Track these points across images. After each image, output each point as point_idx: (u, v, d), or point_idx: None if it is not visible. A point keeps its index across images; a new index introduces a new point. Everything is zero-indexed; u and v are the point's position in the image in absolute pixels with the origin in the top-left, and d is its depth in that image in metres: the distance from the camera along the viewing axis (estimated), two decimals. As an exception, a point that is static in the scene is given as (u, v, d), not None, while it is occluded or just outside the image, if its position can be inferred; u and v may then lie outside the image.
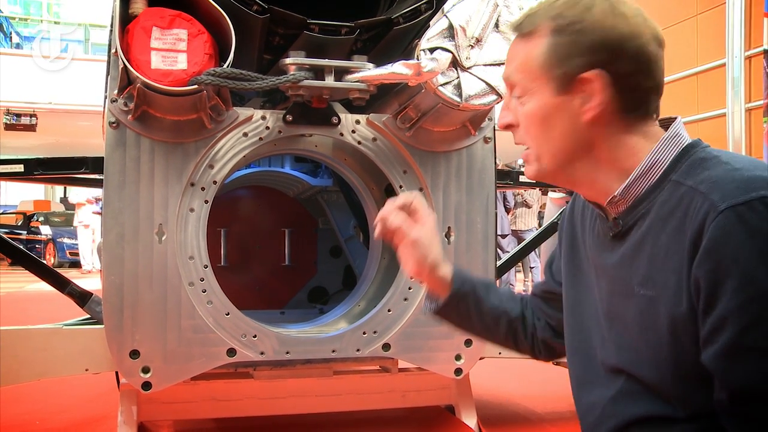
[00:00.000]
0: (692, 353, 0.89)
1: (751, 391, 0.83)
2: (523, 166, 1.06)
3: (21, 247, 2.74)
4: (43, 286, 2.63)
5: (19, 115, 11.04)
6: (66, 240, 14.96)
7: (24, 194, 20.61)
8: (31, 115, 11.11)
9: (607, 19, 0.94)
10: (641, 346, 0.96)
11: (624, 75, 0.94)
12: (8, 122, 10.97)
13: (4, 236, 2.62)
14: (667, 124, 1.00)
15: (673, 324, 0.90)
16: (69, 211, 18.98)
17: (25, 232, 15.63)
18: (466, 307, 1.26)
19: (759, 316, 0.82)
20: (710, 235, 0.84)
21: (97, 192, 10.79)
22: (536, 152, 1.01)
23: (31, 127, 11.14)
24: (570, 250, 1.16)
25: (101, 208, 2.17)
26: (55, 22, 17.21)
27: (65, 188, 23.26)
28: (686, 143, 0.97)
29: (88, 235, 12.75)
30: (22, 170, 2.32)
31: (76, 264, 14.51)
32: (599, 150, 0.98)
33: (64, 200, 22.92)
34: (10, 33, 15.38)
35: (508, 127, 1.04)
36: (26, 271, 2.51)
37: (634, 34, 0.94)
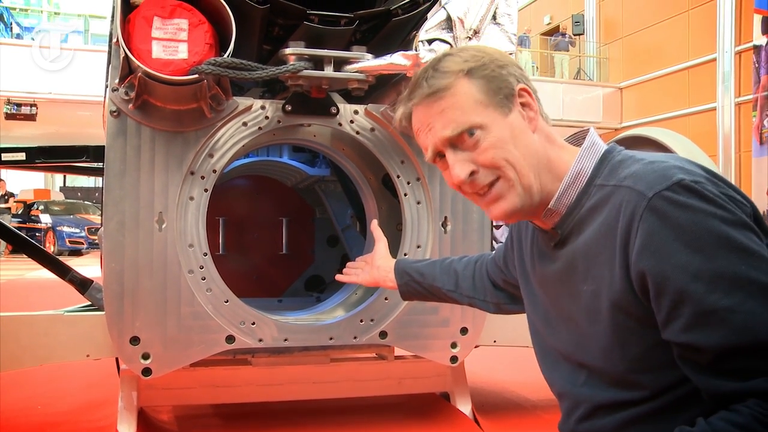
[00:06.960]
0: (640, 335, 0.97)
1: (728, 347, 0.89)
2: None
3: (22, 234, 2.76)
4: (43, 274, 2.65)
5: (19, 105, 11.05)
6: (66, 228, 15.03)
7: (24, 183, 20.62)
8: (31, 105, 11.11)
9: (492, 51, 1.10)
10: (591, 339, 1.05)
11: (532, 88, 1.08)
12: (9, 112, 10.98)
13: (6, 223, 2.65)
14: (582, 135, 1.10)
15: (614, 309, 0.98)
16: (69, 200, 19.01)
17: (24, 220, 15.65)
18: (416, 292, 1.63)
19: (709, 282, 0.89)
20: (646, 223, 0.92)
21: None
22: (515, 172, 1.04)
23: (31, 117, 11.15)
24: (520, 262, 1.27)
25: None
26: (56, 13, 17.14)
27: (65, 177, 23.28)
28: (603, 150, 1.07)
29: None
30: (24, 158, 2.34)
31: (75, 252, 14.57)
32: (547, 160, 1.07)
33: (63, 189, 22.94)
34: (11, 23, 15.34)
35: (471, 174, 1.05)
36: (26, 259, 2.54)
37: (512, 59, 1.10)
